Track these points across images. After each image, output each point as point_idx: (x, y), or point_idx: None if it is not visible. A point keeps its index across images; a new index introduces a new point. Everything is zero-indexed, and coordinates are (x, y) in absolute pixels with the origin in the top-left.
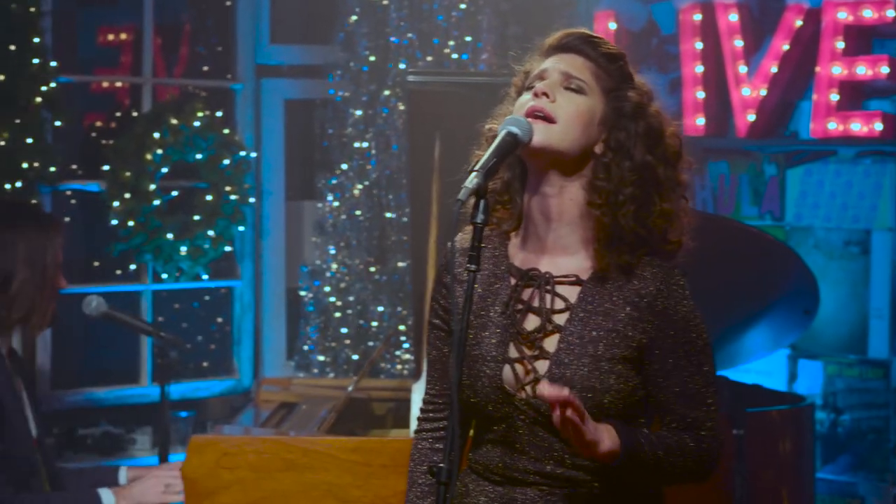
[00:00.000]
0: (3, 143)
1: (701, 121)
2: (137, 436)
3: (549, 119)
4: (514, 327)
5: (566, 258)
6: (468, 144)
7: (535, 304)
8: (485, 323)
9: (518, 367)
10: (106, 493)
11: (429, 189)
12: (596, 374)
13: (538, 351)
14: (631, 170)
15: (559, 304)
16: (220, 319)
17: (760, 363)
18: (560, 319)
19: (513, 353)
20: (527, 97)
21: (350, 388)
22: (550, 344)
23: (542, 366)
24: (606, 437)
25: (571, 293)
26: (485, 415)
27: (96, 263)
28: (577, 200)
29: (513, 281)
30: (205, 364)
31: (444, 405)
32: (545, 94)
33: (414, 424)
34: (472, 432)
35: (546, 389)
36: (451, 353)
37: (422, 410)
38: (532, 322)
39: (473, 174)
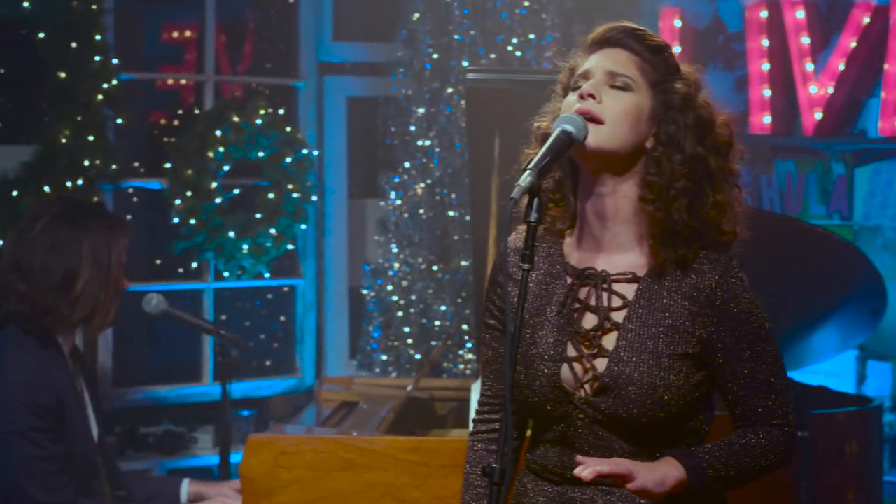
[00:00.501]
0: (64, 140)
1: (768, 119)
2: (199, 434)
3: (596, 120)
4: (571, 326)
5: (622, 255)
6: (528, 142)
7: (592, 302)
8: (541, 322)
9: (576, 365)
10: None
11: (489, 188)
12: (656, 370)
13: (597, 349)
14: (682, 162)
15: (616, 302)
16: (282, 318)
17: (829, 364)
18: (618, 317)
19: (571, 351)
20: (573, 98)
21: (409, 388)
22: (609, 342)
23: (601, 364)
24: (668, 471)
25: (628, 290)
26: (543, 414)
27: (158, 261)
28: (630, 197)
29: (569, 280)
30: (267, 363)
31: (499, 406)
32: (591, 95)
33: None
34: (529, 432)
35: (585, 473)
36: (506, 353)
37: (477, 412)
38: (589, 321)
39: (527, 172)
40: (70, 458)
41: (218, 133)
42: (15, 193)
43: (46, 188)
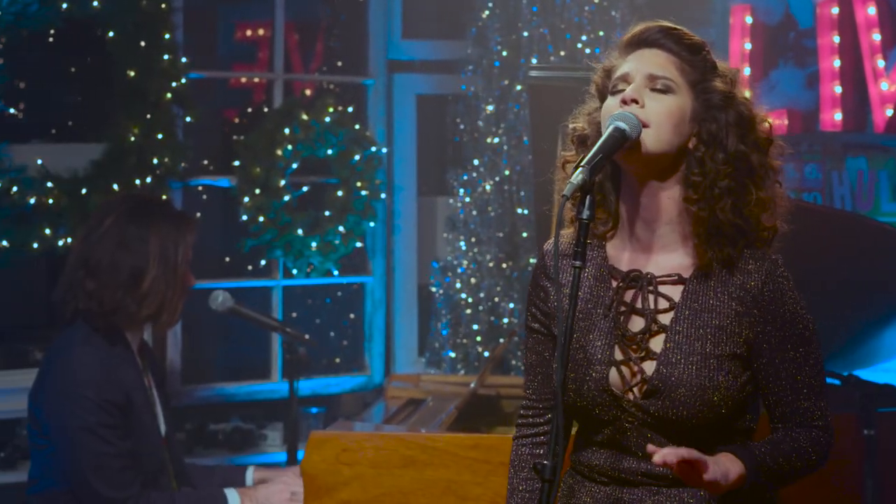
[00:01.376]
0: (133, 139)
1: (839, 116)
2: (268, 431)
3: (644, 125)
4: (618, 329)
5: (667, 257)
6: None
7: (639, 305)
8: (588, 326)
9: (624, 369)
10: (232, 494)
11: (551, 185)
12: (705, 371)
13: (644, 352)
14: (725, 161)
15: (663, 304)
16: (352, 315)
17: None
18: (665, 319)
19: (618, 355)
20: (614, 103)
21: (473, 385)
22: (656, 344)
23: (650, 367)
24: (730, 466)
25: (675, 292)
26: (591, 418)
27: (227, 259)
28: (674, 198)
29: (614, 283)
30: (337, 360)
31: (543, 410)
32: (634, 100)
33: None
34: (573, 433)
35: (658, 457)
36: (555, 354)
37: (520, 416)
38: (636, 323)
39: (579, 170)
40: (137, 455)
41: (286, 131)
42: (84, 191)
43: (115, 186)
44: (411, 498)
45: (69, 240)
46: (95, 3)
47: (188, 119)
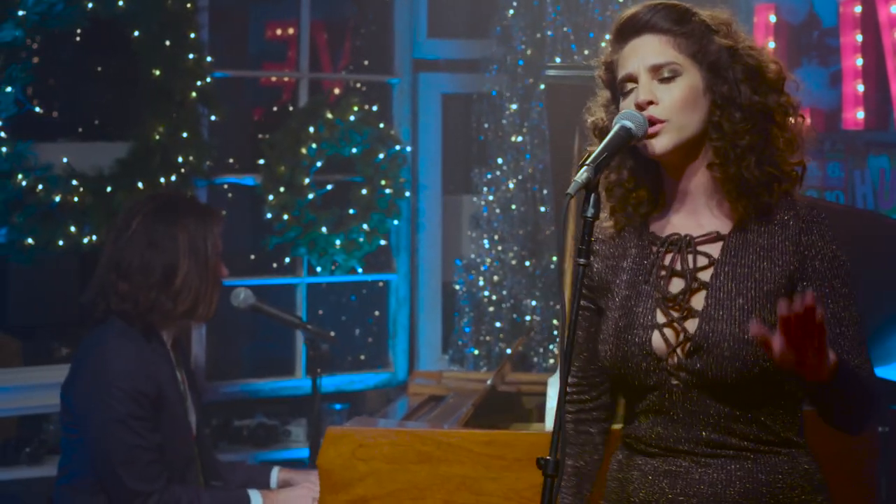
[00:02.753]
0: (158, 137)
1: (861, 115)
2: (292, 427)
3: (661, 122)
4: (658, 292)
5: (706, 220)
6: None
7: (678, 266)
8: (632, 294)
9: (667, 330)
10: (255, 495)
11: (569, 184)
12: (747, 325)
13: (686, 311)
14: (742, 119)
15: (702, 262)
16: (377, 313)
17: None
18: (705, 276)
19: (660, 318)
20: (628, 106)
21: (489, 382)
22: (698, 302)
23: (692, 325)
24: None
25: (714, 250)
26: (635, 387)
27: (252, 256)
28: (705, 169)
29: (654, 249)
30: (362, 357)
31: (588, 386)
32: (649, 102)
33: (549, 418)
34: (620, 410)
35: (755, 327)
36: (560, 350)
37: (568, 393)
38: (677, 285)
39: (584, 168)
40: (166, 448)
41: (311, 130)
42: (109, 190)
43: (140, 185)
44: (426, 493)
45: (94, 238)
46: (121, 3)
47: (213, 118)
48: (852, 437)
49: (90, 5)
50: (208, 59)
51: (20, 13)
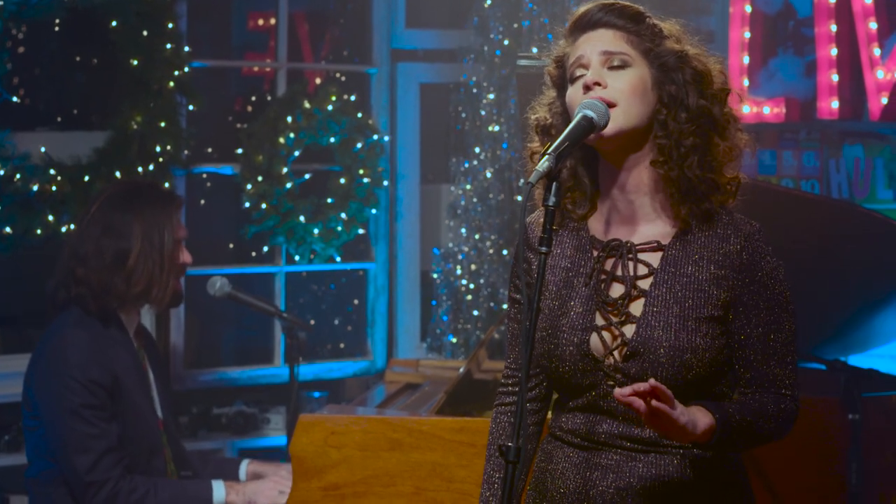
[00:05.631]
0: (136, 126)
1: (835, 104)
2: (271, 415)
3: (609, 105)
4: (598, 296)
5: (647, 226)
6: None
7: (619, 272)
8: (569, 294)
9: (605, 333)
10: (218, 485)
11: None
12: (683, 333)
13: (624, 316)
14: (688, 120)
15: (642, 270)
16: (355, 301)
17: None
18: (644, 284)
19: (599, 321)
20: (576, 90)
21: (462, 370)
22: (636, 308)
23: (630, 330)
24: (700, 415)
25: (654, 259)
26: (571, 384)
27: (230, 245)
28: (649, 167)
29: (595, 253)
30: (341, 345)
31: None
32: (596, 83)
33: None
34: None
35: (622, 391)
36: (521, 337)
37: (502, 385)
38: (617, 290)
39: (545, 157)
40: (128, 438)
41: (289, 119)
42: (87, 179)
43: (118, 174)
44: (398, 480)
45: (72, 226)
46: None
47: (191, 107)
48: (823, 425)
49: None
50: (186, 48)
51: None
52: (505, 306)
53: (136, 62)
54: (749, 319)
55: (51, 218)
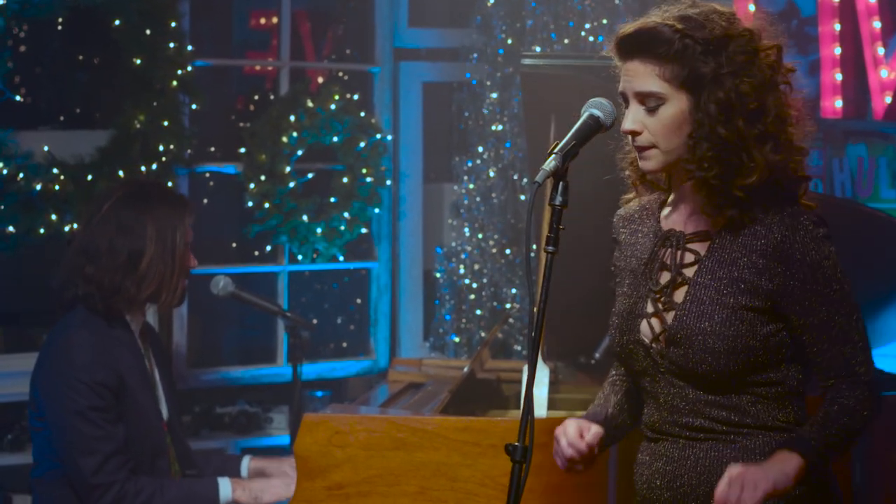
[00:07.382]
0: (139, 125)
1: (839, 103)
2: (274, 414)
3: (648, 148)
4: (649, 284)
5: (701, 217)
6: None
7: (668, 260)
8: (632, 283)
9: (653, 320)
10: (224, 483)
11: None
12: (721, 321)
13: (669, 303)
14: (710, 149)
15: (689, 259)
16: (358, 300)
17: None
18: (690, 272)
19: (649, 308)
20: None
21: (466, 369)
22: (679, 296)
23: (671, 317)
24: (780, 465)
25: (702, 248)
26: (634, 371)
27: (233, 244)
28: None
29: (657, 243)
30: (344, 344)
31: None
32: (635, 133)
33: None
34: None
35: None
36: (528, 336)
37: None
38: (665, 278)
39: (552, 156)
40: (132, 439)
41: (292, 118)
42: (90, 178)
43: (121, 173)
44: (402, 479)
45: (75, 226)
46: None
47: (194, 106)
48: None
49: None
50: (189, 47)
51: (0, 2)
52: (508, 305)
53: (138, 61)
54: (804, 308)
55: (53, 217)
